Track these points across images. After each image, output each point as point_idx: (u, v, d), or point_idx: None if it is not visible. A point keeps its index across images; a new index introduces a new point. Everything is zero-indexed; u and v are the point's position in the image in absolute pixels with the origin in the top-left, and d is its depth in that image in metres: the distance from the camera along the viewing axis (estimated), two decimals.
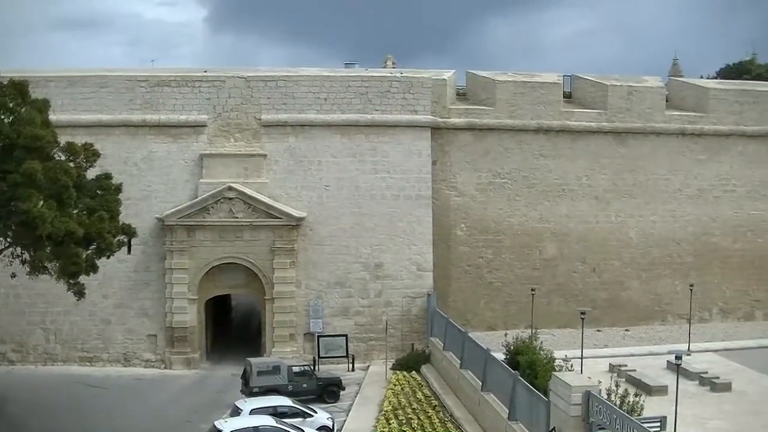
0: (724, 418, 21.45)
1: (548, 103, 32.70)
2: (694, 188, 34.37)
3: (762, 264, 35.28)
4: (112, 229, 20.75)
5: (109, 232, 20.56)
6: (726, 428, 20.70)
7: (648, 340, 31.62)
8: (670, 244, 34.11)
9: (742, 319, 35.02)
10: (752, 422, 21.09)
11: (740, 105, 34.92)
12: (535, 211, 32.33)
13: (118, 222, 21.69)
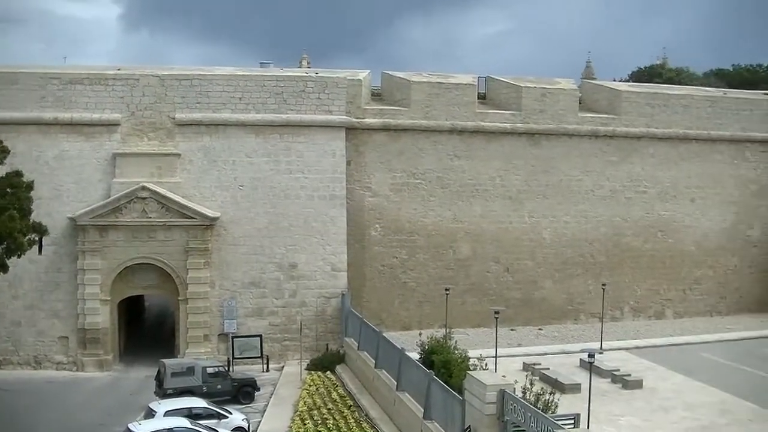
0: (635, 415, 26.03)
1: (463, 104, 39.39)
2: (606, 189, 41.59)
3: (672, 264, 42.88)
4: (22, 228, 24.16)
5: (20, 231, 23.93)
6: (637, 424, 25.13)
7: (561, 338, 38.22)
8: (583, 244, 41.21)
9: (653, 318, 42.78)
10: (663, 418, 25.83)
11: (651, 108, 42.48)
12: (449, 212, 38.78)
13: (29, 221, 25.14)
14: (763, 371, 31.59)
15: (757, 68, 64.30)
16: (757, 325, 41.36)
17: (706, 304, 43.76)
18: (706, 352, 35.15)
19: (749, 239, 44.82)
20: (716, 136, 43.85)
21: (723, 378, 30.37)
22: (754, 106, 45.18)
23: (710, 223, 43.95)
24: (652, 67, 59.55)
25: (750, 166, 44.84)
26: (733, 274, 44.41)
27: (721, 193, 44.14)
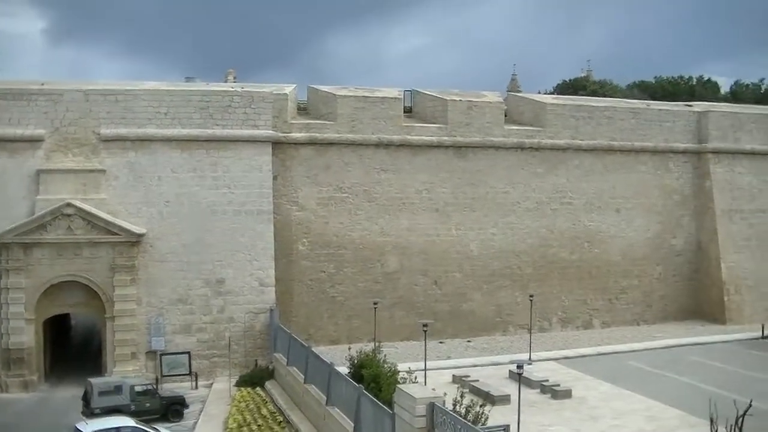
0: (564, 424, 29.67)
1: (389, 117, 45.69)
2: (532, 201, 48.50)
3: (599, 274, 50.06)
4: None
5: None
6: None
7: (490, 350, 44.13)
8: (510, 256, 47.93)
9: (580, 328, 49.64)
10: (592, 427, 29.51)
11: (576, 120, 49.64)
12: (376, 225, 45.01)
13: None
14: (688, 378, 37.09)
15: (678, 80, 74.09)
16: (682, 332, 48.55)
17: (633, 313, 51.12)
18: (633, 361, 40.93)
19: (673, 248, 52.56)
20: (640, 147, 51.48)
21: (650, 385, 35.54)
22: (676, 117, 53.19)
23: (635, 233, 51.51)
24: (576, 80, 68.35)
25: (673, 177, 52.74)
26: (658, 283, 51.97)
27: (646, 203, 51.75)
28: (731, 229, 52.72)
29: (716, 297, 51.91)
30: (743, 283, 52.23)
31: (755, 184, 54.15)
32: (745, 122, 54.71)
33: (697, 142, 53.39)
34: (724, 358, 41.46)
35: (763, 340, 46.39)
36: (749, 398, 25.00)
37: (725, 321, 50.97)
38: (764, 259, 53.29)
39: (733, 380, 36.17)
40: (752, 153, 54.34)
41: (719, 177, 53.03)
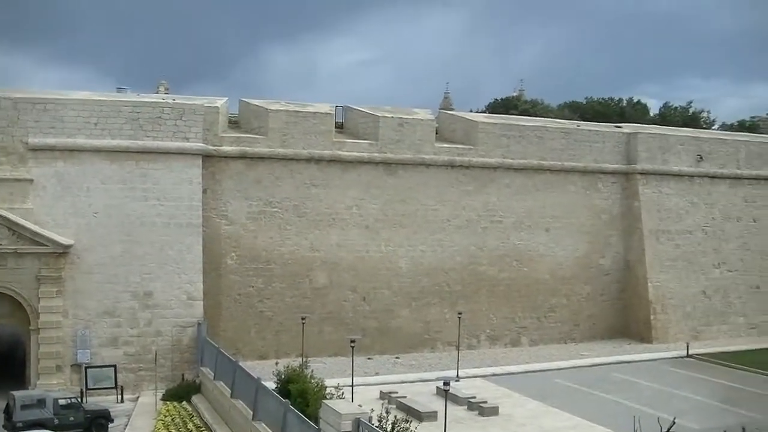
0: None
1: (320, 132, 49.42)
2: (462, 219, 52.73)
3: (527, 292, 54.47)
4: None
5: None
6: None
7: (418, 367, 47.58)
8: (439, 273, 51.98)
9: (509, 345, 53.87)
10: None
11: (507, 139, 54.12)
12: (305, 240, 48.62)
13: None
14: (614, 396, 40.50)
15: (609, 101, 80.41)
16: (609, 351, 53.16)
17: (561, 332, 55.71)
18: (560, 378, 44.53)
19: (601, 268, 57.43)
20: (570, 167, 56.28)
21: (576, 403, 38.86)
22: (606, 138, 58.27)
23: (564, 252, 56.18)
24: (508, 99, 73.72)
25: (602, 197, 57.69)
26: (586, 301, 56.72)
27: (575, 222, 56.51)
28: (658, 249, 57.79)
29: (643, 316, 56.85)
30: (669, 302, 57.32)
31: (682, 205, 59.50)
32: (673, 144, 60.10)
33: (626, 162, 58.51)
34: (650, 376, 45.53)
35: (688, 359, 51.14)
36: (673, 416, 28.61)
37: (651, 340, 55.89)
38: (690, 279, 58.54)
39: (658, 398, 40.02)
40: (679, 174, 59.71)
41: (647, 198, 58.14)
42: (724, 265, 60.65)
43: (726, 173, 62.12)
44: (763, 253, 62.57)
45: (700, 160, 60.83)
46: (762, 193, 63.60)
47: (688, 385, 43.26)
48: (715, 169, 61.51)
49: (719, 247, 60.74)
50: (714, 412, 38.01)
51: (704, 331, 58.27)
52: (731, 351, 53.63)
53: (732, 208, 61.99)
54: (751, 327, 60.52)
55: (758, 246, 62.47)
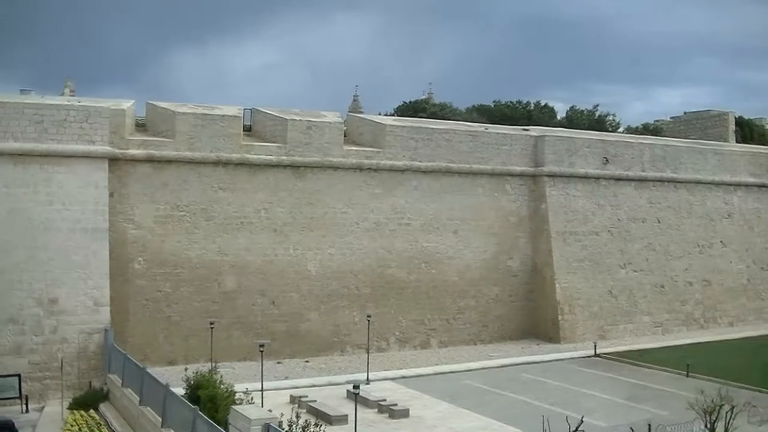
0: None
1: (228, 136, 52.01)
2: (370, 222, 55.88)
3: (436, 294, 57.89)
4: None
5: None
6: None
7: (328, 370, 50.11)
8: (348, 276, 55.04)
9: (418, 348, 57.12)
10: None
11: (415, 141, 57.53)
12: (213, 244, 51.14)
13: None
14: (523, 396, 42.79)
15: (517, 105, 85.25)
16: (518, 351, 56.56)
17: (470, 333, 59.34)
18: (470, 380, 46.84)
19: (510, 269, 61.38)
20: (478, 169, 60.05)
21: (486, 404, 40.80)
22: (513, 141, 62.29)
23: (472, 254, 59.90)
24: (417, 102, 77.62)
25: (510, 199, 61.67)
26: (494, 303, 60.51)
27: (483, 225, 60.30)
28: (565, 250, 61.99)
29: (551, 316, 60.91)
30: (576, 302, 61.51)
31: (588, 206, 63.90)
32: (579, 147, 64.49)
33: (534, 165, 62.64)
34: (558, 376, 48.51)
35: (595, 358, 54.90)
36: (581, 414, 31.33)
37: (559, 340, 59.85)
38: (596, 280, 62.92)
39: (567, 397, 42.71)
40: (586, 177, 64.11)
41: (554, 200, 62.32)
42: (630, 265, 65.25)
43: (631, 175, 66.89)
44: (667, 253, 67.53)
45: (606, 163, 65.39)
46: (666, 195, 68.71)
47: (596, 384, 46.19)
48: (620, 172, 66.19)
49: (625, 248, 65.35)
50: (621, 409, 40.60)
51: (611, 331, 62.62)
52: (637, 349, 57.48)
53: (637, 210, 66.75)
54: (656, 325, 65.22)
55: (662, 246, 67.40)
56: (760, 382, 45.29)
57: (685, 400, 34.39)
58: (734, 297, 71.14)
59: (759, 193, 75.89)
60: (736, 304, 70.98)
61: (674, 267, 67.96)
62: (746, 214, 74.40)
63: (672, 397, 42.13)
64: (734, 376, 45.77)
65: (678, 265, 68.21)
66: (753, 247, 74.03)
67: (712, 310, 69.35)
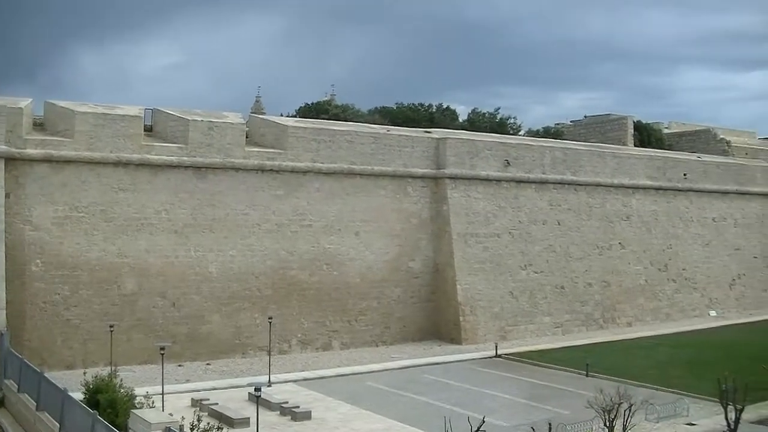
0: None
1: (129, 136, 53.80)
2: (272, 223, 58.19)
3: (338, 296, 60.52)
4: None
5: None
6: None
7: (230, 373, 51.79)
8: (250, 278, 57.23)
9: (320, 349, 59.64)
10: None
11: (317, 143, 60.09)
12: (113, 246, 52.83)
13: None
14: (425, 397, 44.52)
15: (419, 107, 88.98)
16: (420, 352, 59.22)
17: (372, 335, 62.06)
18: (372, 381, 48.56)
19: (411, 270, 64.35)
20: (380, 171, 62.92)
21: (389, 405, 42.30)
22: (415, 143, 65.38)
23: (374, 255, 62.66)
24: (319, 103, 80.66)
25: (411, 201, 64.67)
26: (396, 304, 63.38)
27: (384, 226, 63.16)
28: (467, 252, 65.25)
29: (452, 318, 64.01)
30: (478, 304, 64.78)
31: (489, 209, 67.35)
32: (481, 149, 67.93)
33: (436, 167, 65.82)
34: (460, 377, 50.83)
35: (497, 359, 57.84)
36: (483, 415, 32.65)
37: (461, 341, 62.84)
38: (497, 281, 66.35)
39: (468, 397, 44.53)
40: (487, 179, 67.56)
41: (456, 202, 65.56)
42: (531, 266, 68.90)
43: (532, 178, 70.67)
44: (567, 255, 71.48)
45: (507, 165, 68.95)
46: (566, 197, 72.71)
47: (497, 384, 48.32)
48: (521, 174, 69.91)
49: (526, 250, 69.00)
50: (522, 409, 42.56)
51: (512, 331, 66.02)
52: (538, 350, 60.70)
53: (538, 212, 70.54)
54: (557, 326, 68.96)
55: (563, 248, 71.32)
56: (657, 380, 48.47)
57: (584, 399, 36.27)
58: (632, 297, 75.51)
59: (656, 195, 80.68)
60: (634, 305, 75.35)
61: (574, 268, 71.84)
62: (644, 216, 79.01)
63: (572, 396, 44.17)
64: (632, 375, 48.84)
65: (578, 267, 72.13)
66: (650, 249, 78.62)
67: (611, 310, 73.50)
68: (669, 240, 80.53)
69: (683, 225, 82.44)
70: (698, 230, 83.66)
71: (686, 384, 47.28)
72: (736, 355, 55.38)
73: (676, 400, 42.34)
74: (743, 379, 36.65)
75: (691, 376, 49.64)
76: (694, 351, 60.18)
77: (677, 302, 78.97)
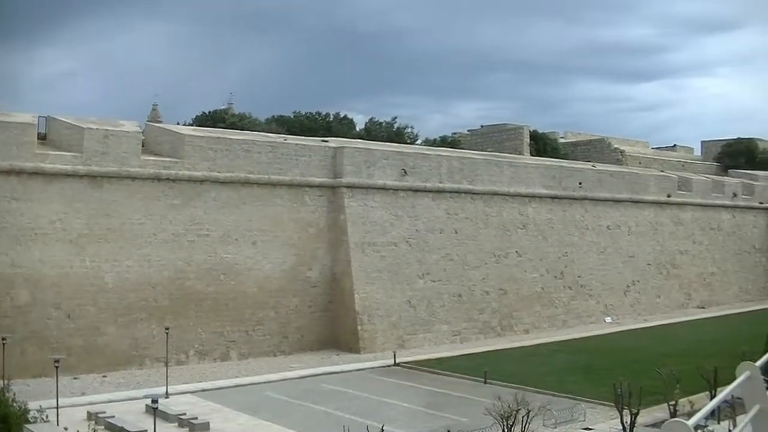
0: None
1: (21, 144, 55.13)
2: (169, 233, 59.97)
3: (236, 306, 62.53)
4: None
5: None
6: None
7: (126, 385, 53.02)
8: (147, 288, 58.93)
9: (218, 360, 61.58)
10: None
11: (214, 152, 62.13)
12: (6, 256, 54.07)
13: None
14: (323, 406, 46.31)
15: (316, 116, 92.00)
16: (318, 362, 61.41)
17: (270, 345, 64.20)
18: (270, 391, 50.33)
19: (309, 280, 66.73)
20: (277, 180, 65.21)
21: (288, 415, 44.14)
22: (312, 152, 67.93)
23: (272, 265, 64.88)
24: (216, 112, 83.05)
25: (309, 210, 67.12)
26: (294, 314, 65.65)
27: (282, 236, 65.43)
28: (364, 261, 67.92)
29: (350, 327, 66.57)
30: (375, 312, 67.49)
31: (386, 217, 70.20)
32: (378, 158, 70.81)
33: (333, 176, 68.45)
34: (359, 386, 52.78)
35: (395, 367, 60.36)
36: (382, 423, 35.00)
37: (359, 350, 65.32)
38: (395, 290, 69.16)
39: (367, 407, 46.56)
40: (384, 188, 70.46)
41: (353, 211, 68.23)
42: (428, 275, 71.89)
43: (429, 187, 73.79)
44: (465, 263, 74.73)
45: (405, 174, 71.88)
46: (463, 206, 75.99)
47: (396, 393, 50.26)
48: (418, 183, 72.99)
49: (423, 258, 71.99)
50: (421, 417, 44.60)
51: (410, 340, 68.82)
52: (436, 358, 63.17)
53: (435, 221, 73.63)
54: (455, 334, 72.02)
55: (460, 256, 74.55)
56: (554, 386, 51.16)
57: (483, 406, 38.68)
58: (529, 305, 79.19)
59: (552, 204, 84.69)
60: (531, 312, 79.04)
61: (471, 277, 75.13)
62: (540, 225, 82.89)
63: (471, 404, 46.11)
64: (530, 382, 51.37)
65: (475, 275, 75.45)
66: (546, 257, 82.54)
67: (508, 318, 77.01)
68: (565, 248, 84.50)
69: (579, 233, 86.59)
70: (593, 238, 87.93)
71: (582, 389, 50.00)
72: (630, 360, 58.67)
73: (572, 406, 45.12)
74: (638, 383, 39.93)
75: (587, 382, 52.46)
76: (590, 357, 63.40)
77: (573, 309, 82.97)
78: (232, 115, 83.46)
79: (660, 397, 41.72)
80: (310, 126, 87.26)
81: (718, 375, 40.64)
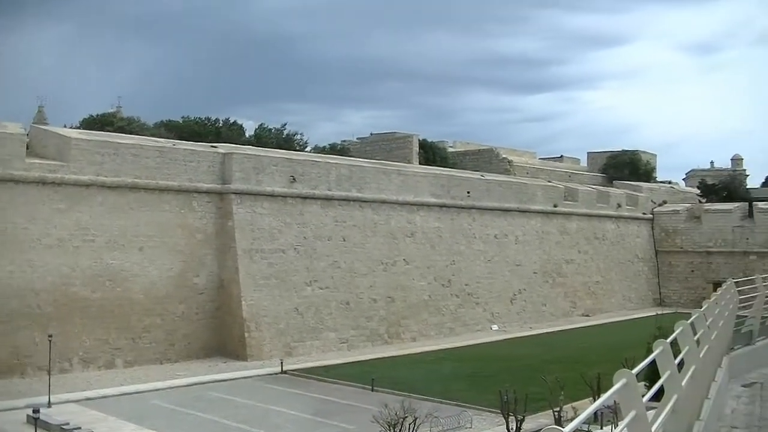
0: None
1: None
2: (53, 238, 60.63)
3: (121, 312, 63.50)
4: None
5: None
6: None
7: (7, 394, 51.99)
8: (29, 294, 59.46)
9: (103, 368, 62.33)
10: None
11: (101, 156, 63.04)
12: None
13: None
14: (211, 414, 46.99)
15: (205, 121, 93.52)
16: (205, 370, 62.50)
17: (156, 352, 65.16)
18: (157, 400, 50.85)
19: (196, 286, 68.00)
20: (164, 185, 66.34)
21: (174, 424, 44.68)
22: (201, 157, 69.34)
23: (158, 271, 65.95)
24: (104, 115, 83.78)
25: (197, 216, 68.45)
26: (181, 321, 66.80)
27: (168, 242, 66.55)
28: (252, 267, 69.52)
29: (238, 334, 68.03)
30: (263, 320, 69.10)
31: (275, 224, 71.96)
32: (267, 165, 72.55)
33: (221, 182, 69.94)
34: (246, 394, 53.95)
35: (282, 375, 61.86)
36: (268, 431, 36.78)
37: (246, 357, 66.76)
38: (283, 297, 70.90)
39: (255, 414, 47.54)
40: (273, 195, 72.23)
41: (241, 217, 69.82)
42: (316, 282, 73.81)
43: (318, 194, 75.85)
44: (353, 271, 76.90)
45: (293, 181, 73.77)
46: (351, 214, 78.22)
47: (284, 401, 51.31)
48: (307, 190, 74.99)
49: (311, 266, 73.92)
50: (309, 424, 45.74)
51: (298, 347, 70.56)
52: (323, 365, 64.88)
53: (323, 228, 75.66)
54: (342, 342, 74.06)
55: (348, 264, 76.69)
56: (441, 393, 52.86)
57: (370, 414, 39.87)
58: (417, 313, 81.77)
59: (440, 212, 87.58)
60: (419, 320, 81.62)
61: (359, 284, 77.33)
62: (428, 233, 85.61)
63: (358, 411, 47.08)
64: (417, 389, 52.85)
65: (363, 283, 77.68)
66: (434, 265, 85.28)
67: (396, 325, 79.41)
68: (452, 256, 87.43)
69: (466, 242, 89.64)
70: (481, 247, 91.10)
71: (469, 396, 51.90)
72: (516, 368, 61.43)
73: (459, 413, 46.87)
74: (523, 390, 42.33)
75: (473, 389, 54.43)
76: (476, 364, 65.69)
77: (460, 317, 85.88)
78: (121, 118, 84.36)
79: (545, 403, 43.51)
80: (200, 131, 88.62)
81: (601, 381, 42.50)
